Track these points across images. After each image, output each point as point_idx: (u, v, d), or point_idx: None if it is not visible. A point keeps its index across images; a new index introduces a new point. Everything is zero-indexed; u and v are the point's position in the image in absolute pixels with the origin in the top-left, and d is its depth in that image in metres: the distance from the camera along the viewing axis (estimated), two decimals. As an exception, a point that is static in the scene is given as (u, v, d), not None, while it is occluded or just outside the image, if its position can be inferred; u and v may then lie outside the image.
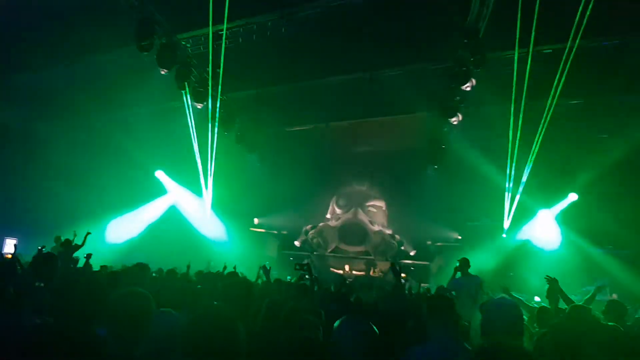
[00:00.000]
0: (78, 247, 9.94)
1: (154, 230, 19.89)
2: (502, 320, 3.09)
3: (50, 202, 16.70)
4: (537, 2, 9.10)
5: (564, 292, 6.77)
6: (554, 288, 6.81)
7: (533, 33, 9.60)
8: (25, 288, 4.02)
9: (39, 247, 8.32)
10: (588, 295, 7.32)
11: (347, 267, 20.07)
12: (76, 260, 9.67)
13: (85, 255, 8.29)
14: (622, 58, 11.27)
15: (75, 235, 10.68)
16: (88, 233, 10.51)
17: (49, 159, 17.34)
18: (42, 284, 4.98)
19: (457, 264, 9.15)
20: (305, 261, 13.08)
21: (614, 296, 12.28)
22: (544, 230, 16.33)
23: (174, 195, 20.79)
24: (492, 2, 10.02)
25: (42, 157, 17.39)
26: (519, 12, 9.54)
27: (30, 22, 12.88)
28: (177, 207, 20.77)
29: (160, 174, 20.40)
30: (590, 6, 8.74)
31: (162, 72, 12.58)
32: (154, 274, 9.09)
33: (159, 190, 20.76)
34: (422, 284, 8.88)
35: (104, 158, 18.41)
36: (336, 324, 3.05)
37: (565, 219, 15.99)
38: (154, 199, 20.67)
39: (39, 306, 3.80)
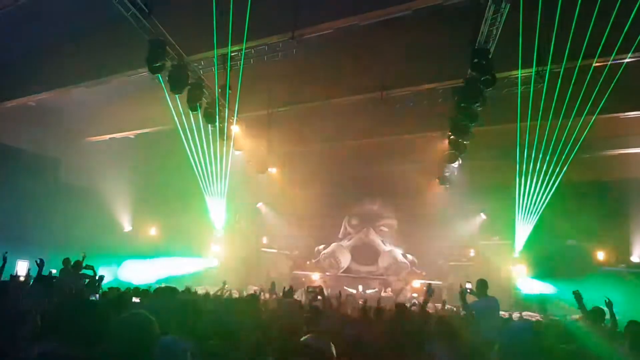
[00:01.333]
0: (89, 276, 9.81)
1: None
2: (522, 344, 3.05)
3: (61, 225, 16.76)
4: (538, 24, 9.10)
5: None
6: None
7: (535, 53, 9.61)
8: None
9: (37, 261, 8.16)
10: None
11: (360, 287, 19.93)
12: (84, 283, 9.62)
13: (98, 277, 8.28)
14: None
15: (84, 256, 10.66)
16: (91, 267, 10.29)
17: (59, 181, 17.52)
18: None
19: (476, 286, 9.02)
20: (317, 284, 13.05)
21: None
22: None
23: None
24: (502, 23, 10.05)
25: (55, 179, 17.58)
26: (520, 33, 9.59)
27: (40, 44, 13.20)
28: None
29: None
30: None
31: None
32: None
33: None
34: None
35: (114, 180, 18.53)
36: None
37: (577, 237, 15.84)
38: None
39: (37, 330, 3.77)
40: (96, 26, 11.75)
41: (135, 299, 7.99)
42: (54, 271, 10.10)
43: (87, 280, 9.64)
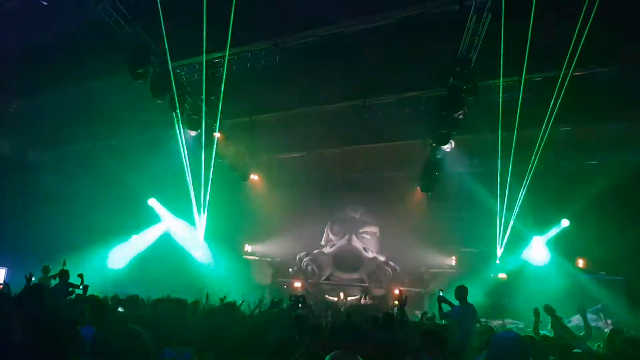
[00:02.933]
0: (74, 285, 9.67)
1: (145, 258, 19.66)
2: (507, 354, 3.04)
3: (41, 231, 16.50)
4: (528, 31, 9.24)
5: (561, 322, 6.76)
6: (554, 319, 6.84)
7: (526, 61, 9.75)
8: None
9: (26, 275, 8.11)
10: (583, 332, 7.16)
11: (341, 295, 19.87)
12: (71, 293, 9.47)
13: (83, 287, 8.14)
14: (610, 86, 11.44)
15: (64, 263, 10.49)
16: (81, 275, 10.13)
17: (39, 186, 17.22)
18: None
19: (455, 292, 9.03)
20: (299, 291, 13.00)
21: (609, 322, 12.25)
22: (537, 256, 16.32)
23: (167, 224, 20.61)
24: (484, 32, 10.18)
25: (33, 185, 17.27)
26: (502, 43, 9.73)
27: (23, 50, 13.00)
28: (170, 235, 20.57)
29: (152, 202, 20.26)
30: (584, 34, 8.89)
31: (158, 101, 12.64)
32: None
33: (152, 219, 20.59)
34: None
35: (95, 186, 18.30)
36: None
37: (558, 245, 15.99)
38: (146, 228, 20.48)
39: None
40: (78, 32, 11.58)
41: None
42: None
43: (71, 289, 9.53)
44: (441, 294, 8.82)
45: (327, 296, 19.93)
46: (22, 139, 17.25)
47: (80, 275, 9.72)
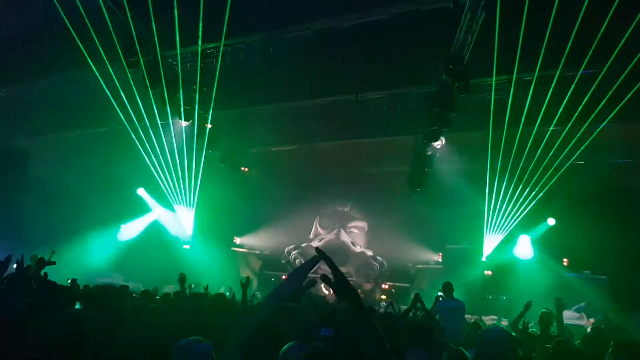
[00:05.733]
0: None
1: (133, 248, 19.58)
2: (497, 352, 3.08)
3: (29, 219, 16.37)
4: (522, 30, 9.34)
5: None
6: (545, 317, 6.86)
7: (518, 60, 9.86)
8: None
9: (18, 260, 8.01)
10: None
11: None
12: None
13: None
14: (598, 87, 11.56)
15: (53, 253, 10.40)
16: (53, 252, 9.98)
17: (27, 175, 17.08)
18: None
19: (441, 288, 9.14)
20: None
21: (591, 321, 12.39)
22: (522, 254, 16.45)
23: (155, 214, 20.54)
24: (477, 30, 10.26)
25: (20, 173, 17.13)
26: (496, 41, 9.83)
27: (12, 35, 12.86)
28: (158, 226, 20.50)
29: (141, 192, 20.18)
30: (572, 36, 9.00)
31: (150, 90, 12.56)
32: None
33: (140, 208, 20.51)
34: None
35: (84, 175, 18.19)
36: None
37: (543, 243, 16.13)
38: (134, 217, 20.41)
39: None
40: (70, 19, 11.46)
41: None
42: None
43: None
44: (439, 293, 8.94)
45: (314, 290, 19.94)
46: (9, 124, 17.01)
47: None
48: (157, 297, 8.98)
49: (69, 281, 9.86)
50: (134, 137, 15.14)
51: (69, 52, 12.51)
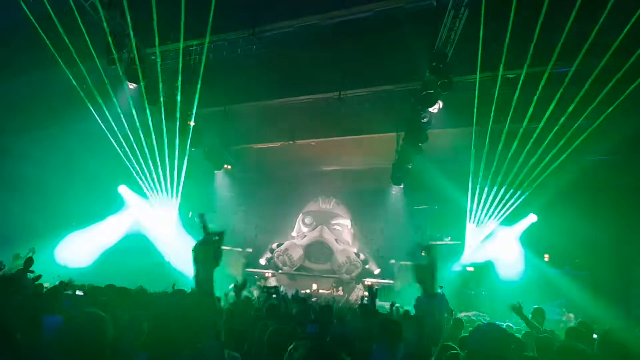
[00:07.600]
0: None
1: (114, 247, 19.26)
2: (490, 349, 3.05)
3: (6, 217, 16.07)
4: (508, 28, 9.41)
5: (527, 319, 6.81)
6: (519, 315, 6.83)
7: (504, 58, 9.93)
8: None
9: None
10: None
11: (314, 286, 19.94)
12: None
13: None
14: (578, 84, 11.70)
15: (33, 252, 10.26)
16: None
17: (4, 172, 16.74)
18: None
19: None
20: (272, 283, 12.96)
21: (571, 316, 12.56)
22: (505, 249, 16.56)
23: (137, 211, 20.22)
24: (460, 28, 10.32)
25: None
26: (481, 39, 9.89)
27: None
28: (140, 224, 20.20)
29: (123, 189, 19.85)
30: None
31: (131, 87, 12.40)
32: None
33: (122, 206, 20.19)
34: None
35: (63, 172, 17.86)
36: None
37: (525, 240, 16.28)
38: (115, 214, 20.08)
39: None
40: (54, 14, 11.24)
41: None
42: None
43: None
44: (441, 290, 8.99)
45: (298, 287, 19.97)
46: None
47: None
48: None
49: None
50: (109, 137, 14.90)
51: (50, 48, 12.31)
